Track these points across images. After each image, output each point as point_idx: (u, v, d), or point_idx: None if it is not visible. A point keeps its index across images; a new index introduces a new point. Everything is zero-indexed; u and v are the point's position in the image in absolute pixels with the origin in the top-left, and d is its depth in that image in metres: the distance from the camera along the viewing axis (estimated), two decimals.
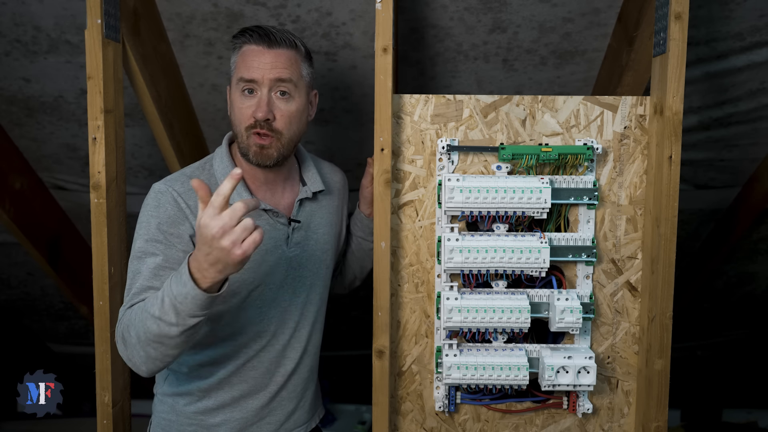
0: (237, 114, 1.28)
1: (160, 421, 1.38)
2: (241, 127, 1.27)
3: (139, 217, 1.26)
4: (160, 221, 1.23)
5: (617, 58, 1.61)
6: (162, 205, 1.24)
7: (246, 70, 1.25)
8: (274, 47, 1.26)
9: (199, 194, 1.00)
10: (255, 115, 1.25)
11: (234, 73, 1.29)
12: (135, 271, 1.21)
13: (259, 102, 1.25)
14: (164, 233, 1.22)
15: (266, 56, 1.25)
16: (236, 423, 1.34)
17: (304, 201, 1.37)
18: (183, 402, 1.34)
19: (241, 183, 1.30)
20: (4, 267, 2.44)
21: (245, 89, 1.26)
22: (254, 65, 1.25)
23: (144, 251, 1.21)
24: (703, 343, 2.98)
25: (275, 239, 1.32)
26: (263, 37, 1.25)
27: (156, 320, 1.06)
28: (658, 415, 1.34)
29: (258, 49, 1.26)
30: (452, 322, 1.30)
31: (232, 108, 1.30)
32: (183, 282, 1.02)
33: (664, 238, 1.29)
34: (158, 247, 1.21)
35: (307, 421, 1.45)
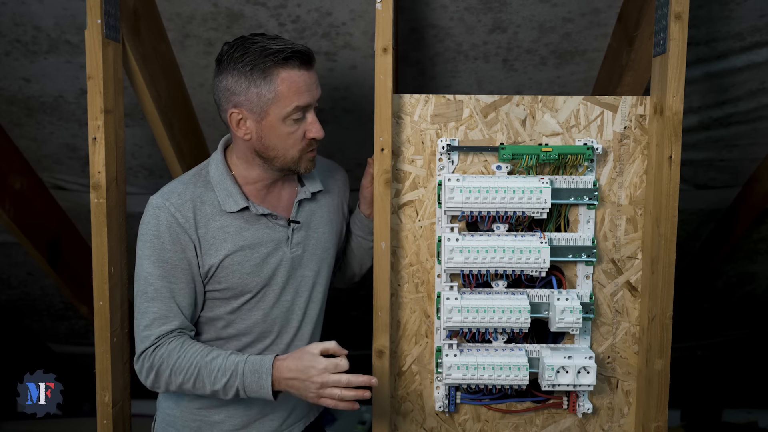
0: (286, 140, 1.25)
1: (164, 417, 1.39)
2: (290, 152, 1.27)
3: (141, 234, 1.27)
4: (164, 241, 1.25)
5: (617, 58, 1.61)
6: (161, 223, 1.25)
7: (299, 98, 1.22)
8: (310, 68, 1.24)
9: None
10: (314, 136, 1.26)
11: (274, 102, 1.22)
12: (151, 296, 1.25)
13: (314, 124, 1.26)
14: (172, 252, 1.25)
15: (309, 78, 1.24)
16: (239, 420, 1.35)
17: (303, 201, 1.37)
18: (187, 398, 1.35)
19: (237, 190, 1.29)
20: (4, 267, 2.44)
21: (297, 117, 1.24)
22: (304, 90, 1.23)
23: (151, 274, 1.25)
24: (703, 343, 2.98)
25: (276, 241, 1.32)
26: (305, 60, 1.23)
27: (212, 390, 1.21)
28: (658, 415, 1.34)
29: (302, 74, 1.22)
30: (452, 322, 1.30)
31: (274, 134, 1.25)
32: (261, 384, 1.18)
33: (664, 238, 1.29)
34: (167, 268, 1.25)
35: (305, 415, 1.45)
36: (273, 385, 1.19)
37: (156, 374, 1.23)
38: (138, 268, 1.27)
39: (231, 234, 1.28)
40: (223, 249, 1.27)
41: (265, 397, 1.19)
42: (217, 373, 1.20)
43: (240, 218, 1.30)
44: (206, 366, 1.21)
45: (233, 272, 1.29)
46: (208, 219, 1.27)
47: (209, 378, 1.21)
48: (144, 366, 1.24)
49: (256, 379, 1.19)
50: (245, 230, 1.30)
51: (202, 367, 1.21)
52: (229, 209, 1.28)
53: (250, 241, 1.30)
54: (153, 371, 1.23)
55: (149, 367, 1.24)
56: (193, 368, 1.21)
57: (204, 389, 1.22)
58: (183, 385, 1.22)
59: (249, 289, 1.30)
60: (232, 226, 1.29)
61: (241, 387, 1.20)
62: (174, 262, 1.25)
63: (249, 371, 1.20)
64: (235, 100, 1.24)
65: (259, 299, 1.32)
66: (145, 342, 1.24)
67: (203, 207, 1.28)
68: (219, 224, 1.28)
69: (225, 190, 1.29)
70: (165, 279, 1.25)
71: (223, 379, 1.20)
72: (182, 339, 1.25)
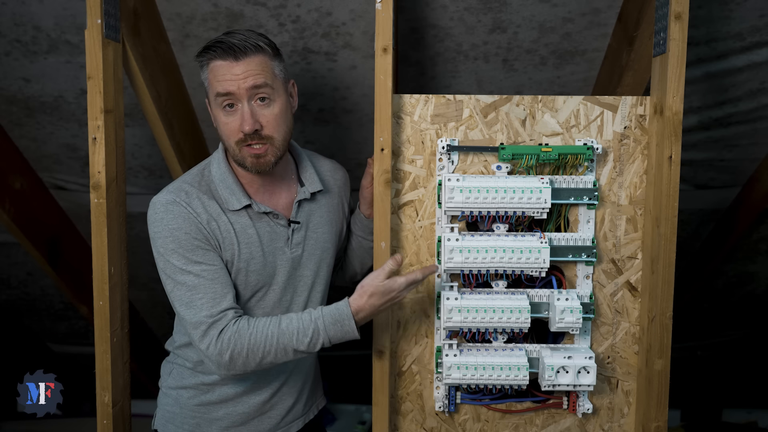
0: (223, 129, 1.26)
1: (164, 413, 1.40)
2: (230, 142, 1.26)
3: (157, 232, 1.25)
4: (186, 231, 1.24)
5: (617, 58, 1.61)
6: (178, 215, 1.24)
7: (219, 84, 1.23)
8: (240, 58, 1.22)
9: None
10: (242, 129, 1.23)
11: (209, 90, 1.26)
12: (191, 285, 1.23)
13: (242, 116, 1.23)
14: (197, 240, 1.24)
15: (236, 68, 1.22)
16: (238, 417, 1.36)
17: (302, 202, 1.37)
18: (186, 395, 1.36)
19: (239, 188, 1.30)
20: (4, 267, 2.44)
21: (225, 104, 1.24)
22: (227, 78, 1.22)
23: (184, 265, 1.23)
24: (703, 343, 2.98)
25: (276, 241, 1.33)
26: (228, 50, 1.22)
27: (296, 352, 1.22)
28: (658, 415, 1.34)
29: (225, 64, 1.23)
30: (452, 322, 1.30)
31: (217, 124, 1.28)
32: (345, 330, 1.22)
33: (664, 238, 1.29)
34: (198, 254, 1.24)
35: (305, 413, 1.46)
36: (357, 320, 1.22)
37: (231, 356, 1.21)
38: (166, 267, 1.24)
39: (238, 231, 1.29)
40: (230, 247, 1.28)
41: (350, 338, 1.24)
42: (298, 335, 1.21)
43: (243, 216, 1.30)
44: (283, 334, 1.21)
45: (239, 270, 1.29)
46: (217, 215, 1.28)
47: (291, 342, 1.21)
48: (212, 353, 1.21)
49: (340, 328, 1.22)
50: (249, 228, 1.30)
51: (279, 335, 1.21)
52: (232, 207, 1.29)
53: (254, 239, 1.30)
54: (226, 354, 1.21)
55: (219, 352, 1.21)
56: (270, 339, 1.21)
57: (287, 356, 1.23)
58: (264, 359, 1.22)
59: (252, 287, 1.31)
60: (237, 223, 1.29)
61: (327, 340, 1.22)
62: (203, 248, 1.24)
63: (330, 324, 1.22)
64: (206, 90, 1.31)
65: (260, 298, 1.33)
66: (200, 331, 1.22)
67: (210, 203, 1.28)
68: (224, 221, 1.28)
69: (227, 189, 1.29)
70: (200, 264, 1.24)
71: (305, 339, 1.21)
72: (245, 319, 1.23)
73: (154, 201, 1.27)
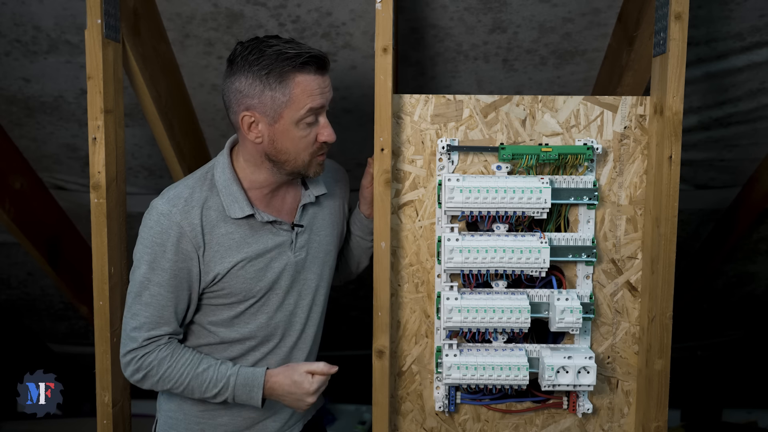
0: (298, 144, 1.25)
1: (166, 419, 1.38)
2: (302, 156, 1.26)
3: (142, 237, 1.26)
4: (165, 250, 1.24)
5: (617, 58, 1.61)
6: (166, 231, 1.24)
7: (313, 100, 1.22)
8: (324, 72, 1.25)
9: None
10: (326, 140, 1.26)
11: (287, 105, 1.21)
12: (145, 300, 1.25)
13: (326, 127, 1.26)
14: (171, 262, 1.24)
15: (322, 82, 1.24)
16: (243, 421, 1.35)
17: (306, 205, 1.37)
18: (190, 401, 1.34)
19: (243, 196, 1.28)
20: (4, 267, 2.44)
21: (310, 121, 1.24)
22: (317, 92, 1.23)
23: (149, 280, 1.25)
24: (703, 343, 2.98)
25: (280, 246, 1.32)
26: (321, 64, 1.23)
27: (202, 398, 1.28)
28: (658, 415, 1.34)
29: (316, 78, 1.23)
30: (452, 322, 1.30)
31: (286, 138, 1.24)
32: (251, 396, 1.27)
33: (664, 238, 1.29)
34: (164, 276, 1.24)
35: (305, 414, 1.45)
36: (265, 395, 1.28)
37: (144, 377, 1.27)
38: (135, 270, 1.26)
39: (236, 241, 1.27)
40: (228, 257, 1.27)
41: (253, 403, 1.28)
42: (208, 384, 1.26)
43: (245, 225, 1.29)
44: (196, 377, 1.26)
45: (237, 278, 1.28)
46: (213, 225, 1.26)
47: (200, 388, 1.27)
48: (130, 366, 1.27)
49: (247, 392, 1.27)
50: (250, 237, 1.29)
51: (192, 378, 1.26)
52: (234, 215, 1.27)
53: (255, 249, 1.29)
54: (140, 373, 1.26)
55: (136, 369, 1.26)
56: (183, 378, 1.26)
57: (192, 395, 1.28)
58: (172, 390, 1.28)
59: (253, 294, 1.30)
60: (237, 233, 1.28)
61: (231, 398, 1.27)
62: (174, 272, 1.24)
63: (241, 384, 1.27)
64: (248, 102, 1.22)
65: (262, 303, 1.32)
66: (132, 342, 1.26)
67: (209, 212, 1.27)
68: (224, 231, 1.27)
69: (230, 196, 1.27)
70: (162, 287, 1.24)
71: (214, 390, 1.26)
72: (173, 347, 1.27)
73: (152, 205, 1.26)
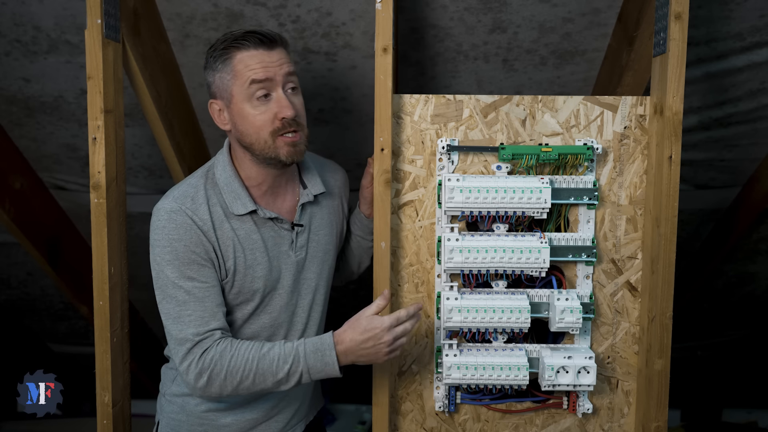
0: (254, 122, 1.23)
1: (169, 421, 1.37)
2: (262, 135, 1.23)
3: (156, 240, 1.23)
4: (186, 243, 1.22)
5: (617, 58, 1.61)
6: (180, 225, 1.22)
7: (254, 72, 1.21)
8: (274, 47, 1.24)
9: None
10: (283, 115, 1.22)
11: (234, 83, 1.23)
12: (182, 300, 1.21)
13: (281, 102, 1.22)
14: (195, 254, 1.22)
15: (270, 56, 1.23)
16: (246, 422, 1.35)
17: (305, 204, 1.37)
18: (194, 402, 1.34)
19: (245, 192, 1.28)
20: (4, 267, 2.44)
21: (260, 95, 1.22)
22: (262, 65, 1.21)
23: (178, 278, 1.21)
24: (703, 343, 2.98)
25: (281, 245, 1.32)
26: (262, 40, 1.22)
27: (275, 381, 1.19)
28: (658, 415, 1.34)
29: (258, 53, 1.22)
30: (452, 322, 1.30)
31: (242, 119, 1.24)
32: (326, 362, 1.18)
33: (664, 238, 1.29)
34: (194, 269, 1.22)
35: (306, 415, 1.46)
36: (339, 357, 1.18)
37: (209, 379, 1.19)
38: (159, 277, 1.23)
39: (241, 237, 1.28)
40: (235, 253, 1.27)
41: (331, 375, 1.19)
42: (278, 362, 1.18)
43: (248, 221, 1.29)
44: (263, 358, 1.18)
45: (245, 276, 1.28)
46: (221, 221, 1.26)
47: (270, 369, 1.18)
48: (191, 372, 1.19)
49: (320, 357, 1.18)
50: (253, 233, 1.29)
51: (259, 360, 1.18)
52: (237, 212, 1.27)
53: (258, 245, 1.29)
54: (205, 376, 1.19)
55: (198, 372, 1.19)
56: (251, 363, 1.18)
57: (265, 383, 1.19)
58: (241, 384, 1.19)
59: (258, 293, 1.30)
60: (241, 229, 1.28)
61: (305, 370, 1.18)
62: (199, 263, 1.22)
63: (311, 352, 1.18)
64: (211, 91, 1.28)
65: (267, 303, 1.32)
66: (185, 345, 1.20)
67: (215, 209, 1.27)
68: (229, 227, 1.27)
69: (233, 193, 1.28)
70: (193, 281, 1.22)
71: (285, 366, 1.18)
72: (229, 340, 1.21)
73: (158, 208, 1.25)
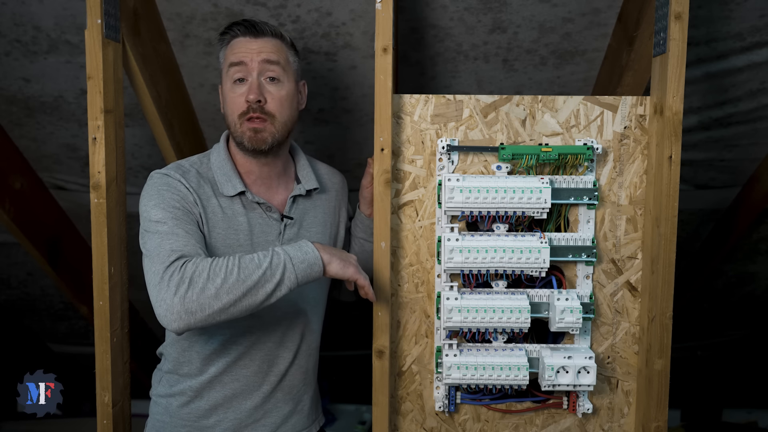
0: (230, 104, 1.31)
1: (154, 423, 1.38)
2: (234, 117, 1.30)
3: (144, 195, 1.25)
4: (173, 194, 1.25)
5: (617, 58, 1.61)
6: (170, 184, 1.26)
7: (234, 55, 1.30)
8: (260, 36, 1.30)
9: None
10: (247, 98, 1.28)
11: (223, 66, 1.33)
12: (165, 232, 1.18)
13: (250, 86, 1.28)
14: (182, 203, 1.24)
15: (253, 44, 1.30)
16: (230, 423, 1.34)
17: (297, 198, 1.38)
18: (176, 403, 1.34)
19: (236, 177, 1.32)
20: (4, 267, 2.44)
21: (236, 78, 1.29)
22: (242, 50, 1.29)
23: (163, 218, 1.20)
24: (703, 343, 2.98)
25: (267, 234, 1.33)
26: (249, 28, 1.30)
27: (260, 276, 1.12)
28: (658, 415, 1.34)
29: (245, 39, 1.30)
30: (452, 322, 1.30)
31: (224, 101, 1.33)
32: (304, 250, 1.18)
33: (664, 238, 1.29)
34: (179, 214, 1.22)
35: (307, 427, 1.44)
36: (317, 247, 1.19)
37: (190, 283, 1.10)
38: (143, 224, 1.22)
39: (228, 216, 1.30)
40: (218, 229, 1.29)
41: (313, 263, 1.17)
42: (259, 257, 1.15)
43: (237, 203, 1.32)
44: (243, 257, 1.14)
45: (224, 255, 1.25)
46: (209, 197, 1.30)
47: (253, 262, 1.13)
48: (172, 283, 1.10)
49: (298, 247, 1.18)
50: (240, 215, 1.31)
51: (240, 258, 1.14)
52: (227, 192, 1.30)
53: (243, 227, 1.31)
54: (185, 283, 1.10)
55: (179, 280, 1.10)
56: (232, 261, 1.13)
57: (250, 277, 1.11)
58: (224, 283, 1.10)
59: None
60: (229, 209, 1.31)
61: (288, 259, 1.15)
62: (186, 209, 1.24)
63: (289, 246, 1.19)
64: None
65: None
66: (165, 261, 1.13)
67: (205, 185, 1.30)
68: (217, 203, 1.30)
69: (224, 175, 1.32)
70: (177, 220, 1.21)
71: (266, 258, 1.14)
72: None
73: (152, 173, 1.29)
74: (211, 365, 1.33)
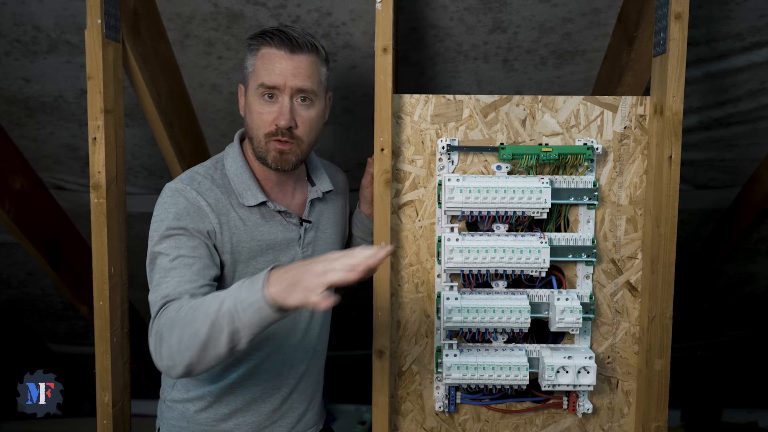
0: (255, 119, 1.24)
1: (169, 428, 1.35)
2: (259, 133, 1.24)
3: (156, 215, 1.23)
4: (178, 211, 1.20)
5: (617, 58, 1.61)
6: (180, 204, 1.22)
7: (267, 75, 1.21)
8: (296, 53, 1.21)
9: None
10: (277, 122, 1.22)
11: (251, 76, 1.24)
12: (165, 267, 1.16)
13: (281, 110, 1.22)
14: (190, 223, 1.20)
15: (288, 62, 1.21)
16: (249, 427, 1.33)
17: (314, 201, 1.37)
18: (194, 408, 1.32)
19: (254, 184, 1.28)
20: (4, 267, 2.44)
21: (265, 95, 1.22)
22: (276, 71, 1.21)
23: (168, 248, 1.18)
24: (703, 343, 2.98)
25: (289, 240, 1.32)
26: (285, 41, 1.21)
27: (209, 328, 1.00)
28: (658, 415, 1.34)
29: (279, 54, 1.21)
30: (452, 322, 1.30)
31: (249, 111, 1.26)
32: (254, 290, 0.98)
33: (664, 238, 1.29)
34: (181, 241, 1.19)
35: (316, 423, 1.44)
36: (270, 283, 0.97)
37: (160, 339, 1.06)
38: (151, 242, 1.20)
39: (249, 228, 1.27)
40: (240, 242, 1.26)
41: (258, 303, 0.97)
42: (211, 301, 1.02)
43: (257, 213, 1.28)
44: (201, 305, 1.04)
45: (247, 266, 1.27)
46: (228, 210, 1.25)
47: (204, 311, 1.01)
48: (153, 336, 1.08)
49: (249, 285, 0.99)
50: (261, 225, 1.29)
51: (197, 309, 1.04)
52: (247, 203, 1.27)
53: (266, 237, 1.29)
54: (159, 337, 1.06)
55: (155, 334, 1.08)
56: (191, 311, 1.04)
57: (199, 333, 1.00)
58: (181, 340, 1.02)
59: None
60: (249, 219, 1.27)
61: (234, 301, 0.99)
62: (194, 231, 1.20)
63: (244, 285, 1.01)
64: (242, 75, 1.30)
65: None
66: (156, 309, 1.12)
67: (221, 198, 1.26)
68: (237, 216, 1.26)
69: (243, 183, 1.28)
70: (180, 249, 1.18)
71: (215, 303, 1.01)
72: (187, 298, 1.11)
73: (166, 186, 1.26)
74: (231, 370, 1.31)
